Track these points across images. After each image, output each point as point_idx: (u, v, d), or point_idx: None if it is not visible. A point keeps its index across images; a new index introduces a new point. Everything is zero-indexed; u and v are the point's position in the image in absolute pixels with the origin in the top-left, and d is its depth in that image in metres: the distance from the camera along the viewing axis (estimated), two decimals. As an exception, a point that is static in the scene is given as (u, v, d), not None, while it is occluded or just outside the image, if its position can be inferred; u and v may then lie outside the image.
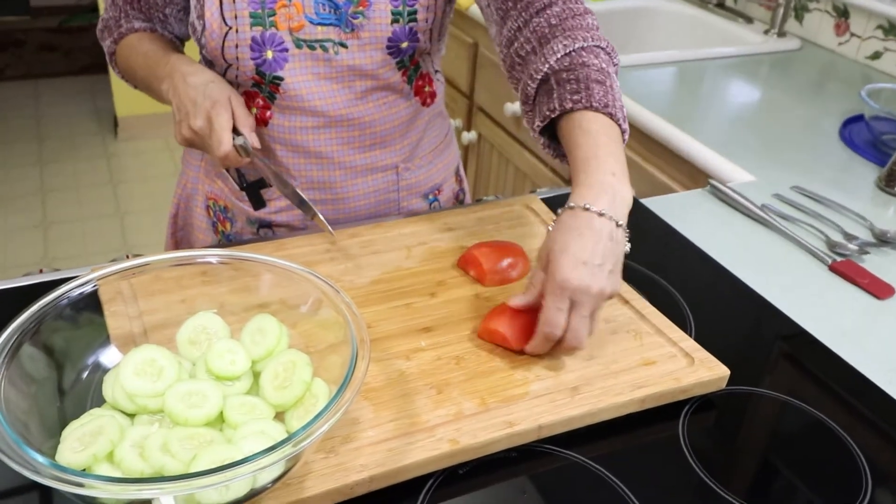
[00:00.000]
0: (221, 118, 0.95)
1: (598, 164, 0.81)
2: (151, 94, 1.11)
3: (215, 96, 0.96)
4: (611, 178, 0.80)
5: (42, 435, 0.65)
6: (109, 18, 1.14)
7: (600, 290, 0.78)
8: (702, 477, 0.77)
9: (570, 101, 0.86)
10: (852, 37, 1.96)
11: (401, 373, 0.83)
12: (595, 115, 0.85)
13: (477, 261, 0.98)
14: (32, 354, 0.69)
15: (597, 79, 0.87)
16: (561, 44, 0.90)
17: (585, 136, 0.83)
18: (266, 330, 0.76)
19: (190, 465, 0.62)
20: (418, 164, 1.19)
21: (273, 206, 1.13)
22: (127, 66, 1.13)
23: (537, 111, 0.90)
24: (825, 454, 0.82)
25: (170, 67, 1.02)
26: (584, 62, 0.89)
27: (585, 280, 0.77)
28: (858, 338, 0.99)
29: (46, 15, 4.52)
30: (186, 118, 0.97)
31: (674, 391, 0.84)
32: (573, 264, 0.77)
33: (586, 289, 0.77)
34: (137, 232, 3.06)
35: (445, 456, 0.74)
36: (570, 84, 0.87)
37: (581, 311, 0.79)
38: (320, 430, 0.61)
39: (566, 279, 0.77)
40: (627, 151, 1.67)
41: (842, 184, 1.38)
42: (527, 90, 0.92)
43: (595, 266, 0.77)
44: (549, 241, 0.80)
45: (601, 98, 0.86)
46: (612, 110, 0.85)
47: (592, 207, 0.78)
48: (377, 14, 1.01)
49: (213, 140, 0.95)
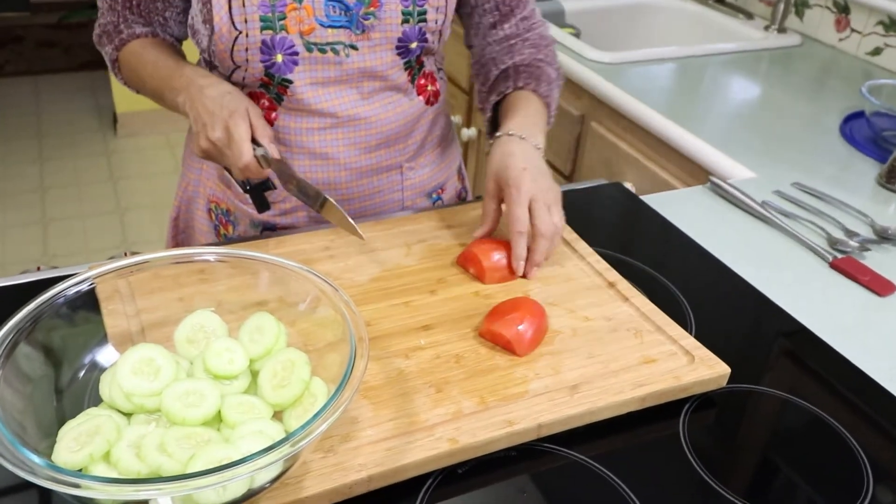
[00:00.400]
0: (240, 129, 0.93)
1: (527, 119, 1.05)
2: (161, 103, 1.09)
3: (232, 107, 0.94)
4: (532, 126, 1.04)
5: (38, 434, 0.65)
6: (107, 24, 1.11)
7: (551, 188, 0.99)
8: (702, 476, 0.77)
9: (523, 83, 1.11)
10: (853, 32, 1.96)
11: (400, 371, 0.83)
12: (537, 98, 1.11)
13: (476, 258, 0.98)
14: (28, 353, 0.68)
15: (546, 80, 1.13)
16: (528, 52, 1.15)
17: (525, 103, 1.09)
18: (264, 328, 0.75)
19: (187, 465, 0.62)
20: (422, 163, 1.19)
21: (277, 209, 1.12)
22: (133, 74, 1.11)
23: (494, 90, 1.14)
24: (826, 452, 0.82)
25: (185, 80, 1.00)
26: (540, 67, 1.14)
27: (543, 185, 0.97)
28: (859, 335, 0.99)
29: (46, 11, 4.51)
30: (204, 129, 0.95)
31: (674, 389, 0.83)
32: (532, 177, 0.97)
33: (546, 191, 0.97)
34: (138, 229, 3.06)
35: (445, 455, 0.74)
36: (525, 75, 1.12)
37: (540, 205, 0.96)
38: (319, 429, 0.61)
39: (529, 189, 0.96)
40: (626, 147, 1.67)
41: (842, 180, 1.37)
42: (489, 75, 1.16)
43: (545, 173, 1.00)
44: (501, 166, 0.99)
45: (545, 91, 1.12)
46: (549, 101, 1.13)
47: (529, 138, 1.01)
48: (388, 14, 1.01)
49: (233, 150, 0.93)
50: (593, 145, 1.79)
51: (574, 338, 0.89)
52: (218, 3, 0.95)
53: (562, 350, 0.87)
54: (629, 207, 1.25)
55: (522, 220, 0.96)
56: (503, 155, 1.00)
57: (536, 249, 0.97)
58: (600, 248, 1.06)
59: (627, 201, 1.26)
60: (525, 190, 0.96)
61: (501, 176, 0.99)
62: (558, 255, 1.04)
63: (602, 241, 1.09)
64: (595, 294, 0.97)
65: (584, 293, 0.97)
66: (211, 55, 1.03)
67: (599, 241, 1.08)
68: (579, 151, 1.86)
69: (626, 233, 1.20)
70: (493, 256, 0.98)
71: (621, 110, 1.66)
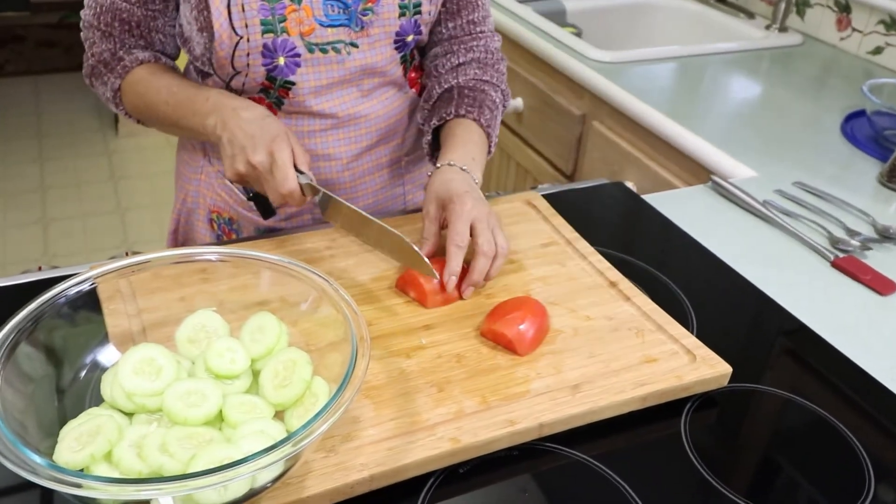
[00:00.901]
0: (284, 153, 0.90)
1: (466, 151, 1.03)
2: (173, 129, 1.06)
3: (274, 131, 0.92)
4: (471, 161, 1.03)
5: (40, 434, 0.65)
6: (103, 52, 1.05)
7: (493, 214, 0.97)
8: (704, 475, 0.77)
9: (465, 110, 1.08)
10: (854, 32, 1.95)
11: (401, 371, 0.83)
12: (478, 127, 1.08)
13: (416, 281, 0.92)
14: (30, 353, 0.68)
15: (489, 105, 1.10)
16: (473, 70, 1.12)
17: (466, 133, 1.06)
18: (266, 328, 0.75)
19: (189, 464, 0.62)
20: (420, 155, 1.20)
21: (282, 213, 1.12)
22: (140, 101, 1.05)
23: (436, 112, 1.10)
24: (828, 452, 0.82)
25: (213, 102, 0.97)
26: (483, 90, 1.11)
27: (484, 208, 0.96)
28: (861, 334, 0.99)
29: (46, 11, 4.50)
30: (243, 152, 0.92)
31: (676, 389, 0.83)
32: (474, 198, 0.95)
33: (488, 214, 0.95)
34: (138, 228, 3.06)
35: (446, 455, 0.74)
36: (468, 99, 1.09)
37: (483, 225, 0.94)
38: (320, 429, 0.61)
39: (473, 208, 0.94)
40: (628, 146, 1.67)
41: (844, 179, 1.37)
42: (431, 93, 1.12)
43: (486, 203, 0.97)
44: (442, 188, 0.97)
45: (487, 119, 1.09)
46: (490, 131, 1.09)
47: (469, 172, 1.00)
48: (385, 9, 1.02)
49: (277, 175, 0.90)
50: (594, 144, 1.79)
51: (575, 337, 0.89)
52: (217, 10, 0.94)
53: (563, 349, 0.87)
54: (630, 207, 1.24)
55: (463, 234, 0.93)
56: (444, 181, 0.98)
57: (475, 268, 0.92)
58: (602, 248, 1.06)
59: (629, 200, 1.26)
60: (469, 208, 0.94)
61: (443, 195, 0.96)
62: (559, 254, 1.03)
63: (603, 240, 1.09)
64: (596, 293, 0.97)
65: (586, 292, 0.97)
66: (205, 63, 1.02)
67: (601, 241, 1.08)
68: (580, 151, 1.86)
69: (628, 232, 1.20)
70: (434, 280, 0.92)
71: (622, 110, 1.66)
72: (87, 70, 1.08)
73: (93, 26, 1.04)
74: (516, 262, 1.02)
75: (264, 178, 0.92)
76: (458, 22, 1.13)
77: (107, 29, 1.03)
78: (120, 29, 1.03)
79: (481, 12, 1.14)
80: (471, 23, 1.14)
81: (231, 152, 0.93)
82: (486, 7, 1.15)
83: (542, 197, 1.16)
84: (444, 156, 1.03)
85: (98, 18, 1.03)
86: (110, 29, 1.03)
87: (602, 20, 2.24)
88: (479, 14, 1.14)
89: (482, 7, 1.14)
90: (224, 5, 0.94)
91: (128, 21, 1.02)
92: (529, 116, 2.01)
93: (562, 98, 1.88)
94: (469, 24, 1.14)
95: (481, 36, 1.15)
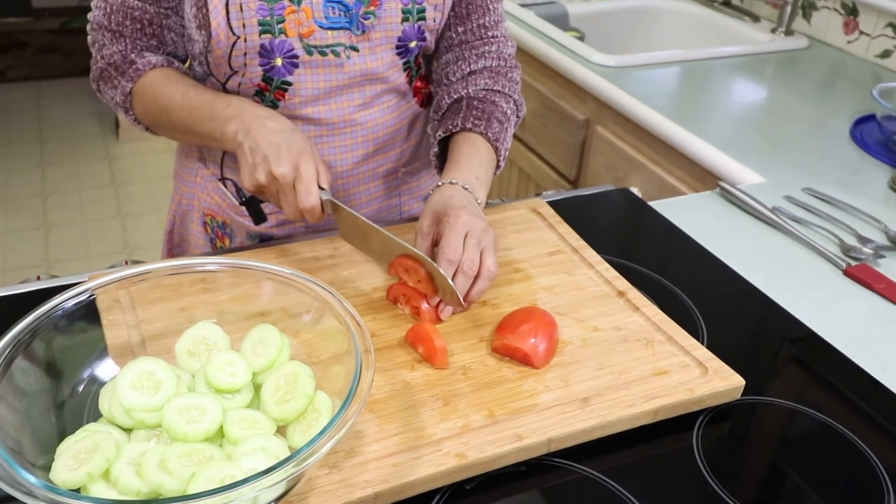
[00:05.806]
0: (309, 168, 0.89)
1: (471, 169, 1.00)
2: (186, 136, 1.03)
3: (301, 145, 0.91)
4: (475, 180, 0.99)
5: (36, 451, 0.63)
6: (113, 55, 1.02)
7: (488, 231, 0.93)
8: (717, 491, 0.75)
9: (472, 123, 1.04)
10: (861, 35, 1.94)
11: (406, 384, 0.81)
12: (485, 142, 1.03)
13: (428, 337, 0.85)
14: (25, 368, 0.66)
15: (498, 118, 1.06)
16: (484, 80, 1.09)
17: (472, 150, 1.02)
18: (267, 340, 0.74)
19: (188, 483, 0.60)
20: (418, 166, 1.18)
21: (274, 220, 1.10)
22: (153, 105, 1.01)
23: (444, 122, 1.06)
24: (844, 466, 0.80)
25: (235, 108, 0.95)
26: (494, 101, 1.07)
27: (479, 224, 0.93)
28: (876, 345, 0.97)
29: (48, 16, 4.50)
30: (266, 162, 0.90)
31: (687, 402, 0.81)
32: (471, 214, 0.93)
33: (482, 231, 0.92)
34: (139, 234, 3.04)
35: (453, 471, 0.72)
36: (477, 111, 1.05)
37: (473, 242, 0.91)
38: (324, 447, 0.59)
39: (468, 221, 0.91)
40: (632, 151, 1.65)
41: (854, 185, 1.35)
42: (441, 103, 1.09)
43: (484, 220, 0.94)
44: (440, 204, 0.95)
45: (496, 133, 1.04)
46: (499, 145, 1.05)
47: (472, 192, 0.98)
48: (388, 13, 1.00)
49: (301, 189, 0.89)
50: (598, 149, 1.77)
51: (583, 348, 0.87)
52: (215, 9, 0.93)
53: (571, 361, 0.85)
54: (636, 213, 1.23)
55: (456, 248, 0.89)
56: (443, 197, 0.95)
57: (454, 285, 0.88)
58: (608, 255, 1.04)
59: (635, 207, 1.24)
60: (464, 221, 0.91)
61: (439, 210, 0.94)
62: (566, 263, 1.02)
63: (609, 247, 1.07)
64: (604, 303, 0.95)
65: (593, 302, 0.95)
66: (204, 62, 1.01)
67: (607, 248, 1.06)
68: (584, 156, 1.84)
69: (634, 239, 1.18)
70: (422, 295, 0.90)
71: (627, 114, 1.65)
72: (96, 74, 1.05)
73: (103, 27, 1.01)
74: (522, 272, 1.00)
75: (284, 192, 0.90)
76: (469, 26, 1.10)
77: (118, 28, 1.01)
78: (132, 28, 1.00)
79: (493, 17, 1.11)
80: (481, 27, 1.11)
81: (252, 161, 0.91)
82: (498, 12, 1.12)
83: (547, 204, 1.14)
84: (447, 173, 1.00)
85: (109, 18, 1.00)
86: (122, 28, 1.01)
87: (605, 24, 2.23)
88: (490, 18, 1.11)
89: (494, 11, 1.11)
90: (222, 4, 0.93)
91: (140, 19, 1.00)
92: (532, 121, 1.99)
93: (565, 102, 1.86)
94: (480, 29, 1.11)
95: (493, 41, 1.12)
